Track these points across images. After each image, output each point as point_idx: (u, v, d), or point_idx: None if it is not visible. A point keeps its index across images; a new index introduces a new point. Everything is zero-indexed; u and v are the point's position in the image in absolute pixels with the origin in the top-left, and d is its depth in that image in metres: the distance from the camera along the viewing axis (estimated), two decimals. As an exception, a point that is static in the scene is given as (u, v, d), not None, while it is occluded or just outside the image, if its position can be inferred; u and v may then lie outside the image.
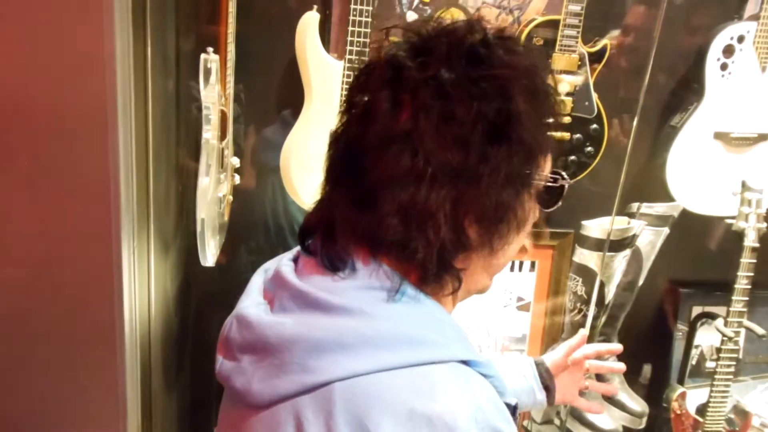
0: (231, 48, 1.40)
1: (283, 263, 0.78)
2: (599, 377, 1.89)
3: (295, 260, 0.79)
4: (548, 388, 1.18)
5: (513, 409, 0.73)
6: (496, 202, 0.68)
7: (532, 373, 1.18)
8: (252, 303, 0.75)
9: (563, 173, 0.78)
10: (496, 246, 0.72)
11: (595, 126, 1.70)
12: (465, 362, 0.68)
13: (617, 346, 1.27)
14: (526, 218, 0.73)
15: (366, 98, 0.72)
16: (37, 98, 0.90)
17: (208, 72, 1.26)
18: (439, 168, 0.66)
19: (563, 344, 1.24)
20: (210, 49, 1.28)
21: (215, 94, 1.28)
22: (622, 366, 1.30)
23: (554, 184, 0.76)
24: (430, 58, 0.68)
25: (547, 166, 0.76)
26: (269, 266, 0.82)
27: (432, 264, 0.68)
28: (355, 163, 0.70)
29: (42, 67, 0.90)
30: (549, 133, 0.74)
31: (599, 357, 1.28)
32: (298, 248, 0.80)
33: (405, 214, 0.67)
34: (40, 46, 0.89)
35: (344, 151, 0.73)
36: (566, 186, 0.78)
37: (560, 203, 0.79)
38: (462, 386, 0.65)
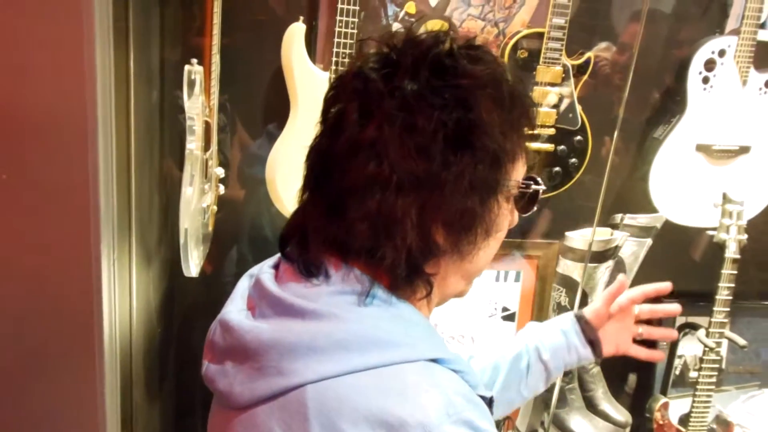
0: (216, 59, 1.41)
1: (264, 270, 0.79)
2: (582, 387, 1.90)
3: (277, 266, 0.80)
4: (592, 342, 1.16)
5: (489, 402, 0.74)
6: (462, 208, 0.70)
7: (572, 329, 1.16)
8: (235, 308, 0.77)
9: (537, 178, 0.78)
10: (465, 251, 0.74)
11: (579, 138, 1.71)
12: (434, 360, 0.70)
13: (665, 285, 1.20)
14: (495, 224, 0.74)
15: (337, 109, 0.74)
16: (14, 108, 0.90)
17: (192, 83, 1.27)
18: (404, 176, 0.68)
19: (603, 293, 1.18)
20: (194, 61, 1.28)
21: (199, 105, 1.28)
22: (677, 307, 1.21)
23: (526, 191, 0.77)
24: (395, 69, 0.71)
25: (517, 173, 0.77)
26: (254, 271, 0.84)
27: (401, 269, 0.70)
28: (326, 172, 0.73)
29: (19, 76, 0.89)
30: (520, 139, 0.75)
31: (648, 300, 1.19)
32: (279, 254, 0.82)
33: (372, 221, 0.69)
34: (17, 55, 0.89)
35: (317, 161, 0.76)
36: (540, 191, 0.79)
37: (535, 208, 0.80)
38: (431, 383, 0.67)
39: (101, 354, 1.01)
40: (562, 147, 1.70)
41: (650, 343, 2.01)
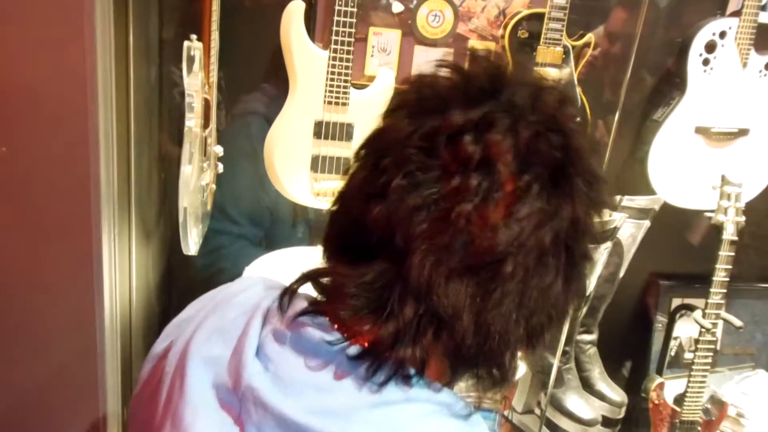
0: (215, 36, 1.39)
1: (248, 361, 0.57)
2: (578, 367, 1.92)
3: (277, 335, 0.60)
4: None
5: None
6: None
7: None
8: (210, 425, 0.56)
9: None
10: None
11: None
12: None
13: None
14: None
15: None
16: (13, 84, 0.89)
17: (191, 60, 1.26)
18: None
19: None
20: (193, 37, 1.27)
21: (198, 82, 1.27)
22: None
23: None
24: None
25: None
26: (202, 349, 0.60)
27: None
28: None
29: (20, 52, 0.89)
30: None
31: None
32: (255, 313, 0.62)
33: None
34: (17, 31, 0.88)
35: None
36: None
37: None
38: None
39: (102, 331, 1.02)
40: (561, 128, 1.70)
41: (646, 324, 2.03)
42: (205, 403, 0.57)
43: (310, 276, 0.63)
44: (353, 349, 0.57)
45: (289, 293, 0.62)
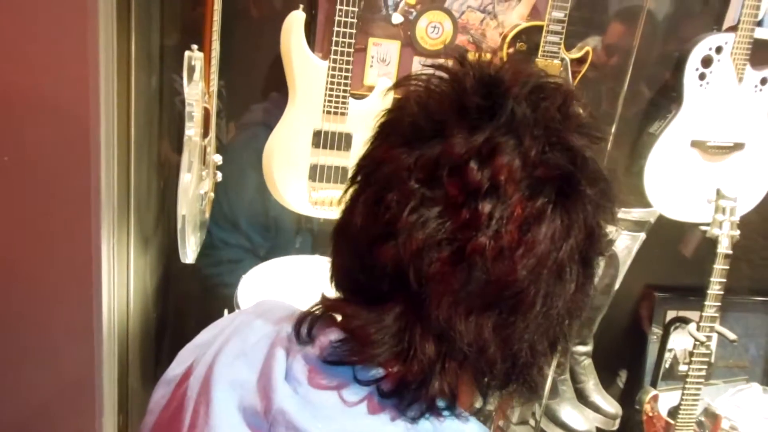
0: (216, 45, 1.40)
1: (279, 384, 0.56)
2: (573, 378, 1.92)
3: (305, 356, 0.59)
4: None
5: None
6: None
7: None
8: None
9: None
10: None
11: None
12: None
13: None
14: None
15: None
16: (18, 91, 0.90)
17: (191, 69, 1.26)
18: None
19: None
20: (194, 47, 1.28)
21: (199, 92, 1.28)
22: None
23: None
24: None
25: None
26: (233, 372, 0.59)
27: None
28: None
29: (24, 59, 0.89)
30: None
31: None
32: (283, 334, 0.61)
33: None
34: (22, 40, 0.88)
35: None
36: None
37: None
38: None
39: (100, 338, 1.02)
40: (558, 140, 1.71)
41: (641, 336, 2.04)
42: (231, 426, 0.56)
43: (329, 307, 0.61)
44: (386, 386, 0.56)
45: (310, 318, 0.60)
